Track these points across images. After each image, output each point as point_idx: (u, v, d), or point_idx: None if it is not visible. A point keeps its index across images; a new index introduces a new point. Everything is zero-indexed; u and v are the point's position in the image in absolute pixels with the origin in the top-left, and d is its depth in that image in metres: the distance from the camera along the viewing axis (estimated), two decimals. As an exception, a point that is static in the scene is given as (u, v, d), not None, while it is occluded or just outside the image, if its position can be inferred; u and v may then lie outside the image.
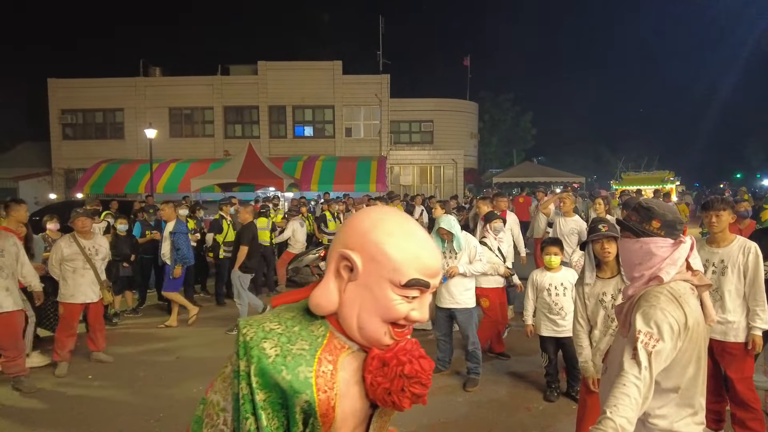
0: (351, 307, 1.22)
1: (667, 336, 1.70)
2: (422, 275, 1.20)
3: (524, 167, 25.68)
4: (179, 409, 4.32)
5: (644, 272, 1.86)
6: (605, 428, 1.57)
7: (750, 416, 3.36)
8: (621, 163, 29.10)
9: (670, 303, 1.75)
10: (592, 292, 3.07)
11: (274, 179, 15.98)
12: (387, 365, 1.21)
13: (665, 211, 1.88)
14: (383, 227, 1.24)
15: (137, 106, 23.19)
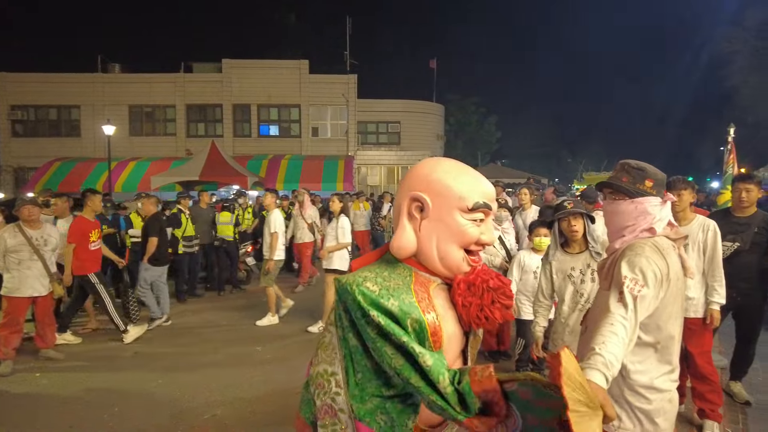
0: (429, 240, 1.36)
1: (651, 282, 1.73)
2: (484, 198, 1.37)
3: (489, 169, 26.08)
4: (134, 403, 4.11)
5: (635, 229, 1.89)
6: (595, 363, 1.55)
7: (708, 389, 3.45)
8: (582, 165, 29.97)
9: (654, 253, 1.79)
10: (560, 267, 3.08)
11: (237, 177, 15.63)
12: (473, 285, 1.36)
13: (655, 170, 1.92)
14: (441, 167, 1.41)
15: (95, 103, 22.32)
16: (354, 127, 23.36)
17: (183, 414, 3.89)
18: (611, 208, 1.97)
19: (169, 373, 4.77)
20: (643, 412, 1.84)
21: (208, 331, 6.21)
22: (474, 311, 1.35)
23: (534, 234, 4.28)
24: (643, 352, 1.81)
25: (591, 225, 3.05)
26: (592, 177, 22.40)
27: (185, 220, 7.88)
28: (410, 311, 1.27)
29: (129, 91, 22.53)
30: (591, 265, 3.00)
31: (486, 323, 1.37)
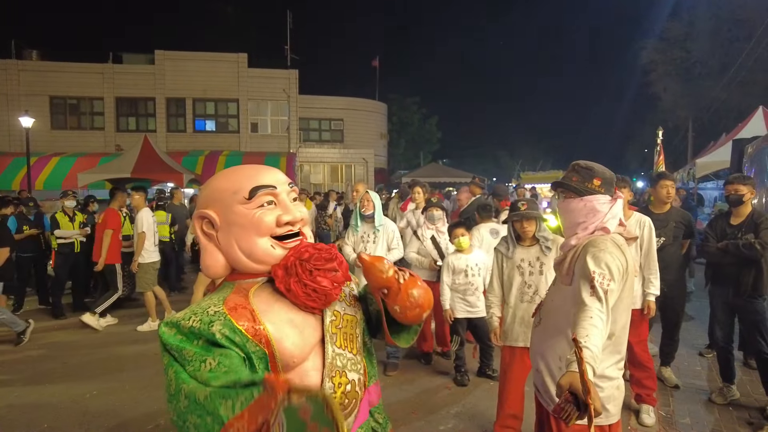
0: (231, 246, 1.34)
1: (616, 277, 1.78)
2: (262, 182, 1.34)
3: (431, 168, 26.49)
4: (69, 418, 3.81)
5: (588, 226, 1.94)
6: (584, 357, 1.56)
7: (645, 375, 3.69)
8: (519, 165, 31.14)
9: (616, 249, 1.86)
10: (510, 258, 3.19)
11: (172, 174, 14.91)
12: (287, 266, 1.32)
13: (603, 169, 1.99)
14: (213, 179, 1.43)
15: (9, 92, 20.59)
16: (296, 123, 23.00)
17: (124, 426, 3.65)
18: (563, 206, 2.05)
19: (104, 382, 4.47)
20: None
21: (143, 336, 5.89)
22: (299, 290, 1.32)
23: (452, 236, 4.34)
24: None
25: (542, 225, 3.18)
26: (529, 176, 23.30)
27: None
28: (213, 322, 1.20)
29: (50, 80, 20.99)
30: (540, 258, 3.12)
31: (317, 296, 1.33)
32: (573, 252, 1.95)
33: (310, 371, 1.36)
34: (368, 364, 1.58)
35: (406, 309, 1.40)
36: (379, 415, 1.63)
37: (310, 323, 1.38)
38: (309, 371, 1.36)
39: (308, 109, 23.72)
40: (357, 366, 1.48)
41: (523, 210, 3.12)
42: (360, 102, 25.49)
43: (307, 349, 1.35)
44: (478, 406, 3.89)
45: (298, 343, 1.31)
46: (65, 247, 6.87)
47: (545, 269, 3.09)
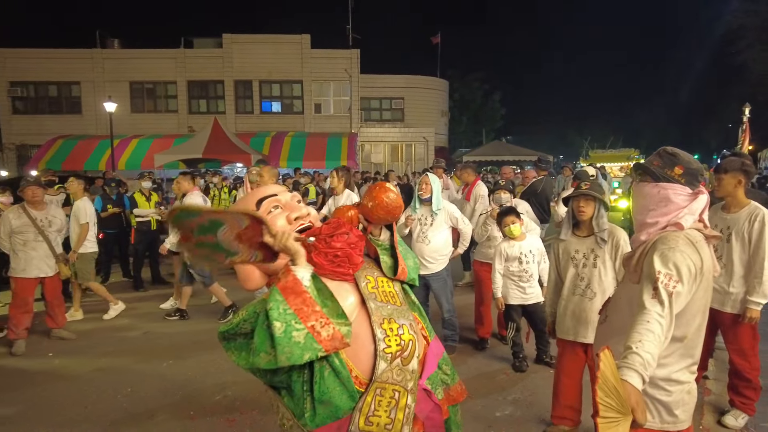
0: None
1: (685, 278, 1.67)
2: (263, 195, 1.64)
3: (493, 146, 25.80)
4: (148, 384, 4.14)
5: (659, 219, 1.81)
6: (633, 363, 1.52)
7: (744, 384, 3.33)
8: (587, 143, 29.66)
9: (688, 246, 1.72)
10: (565, 248, 3.07)
11: (241, 155, 15.52)
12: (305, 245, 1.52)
13: (689, 159, 1.84)
14: None
15: (95, 79, 22.08)
16: (357, 103, 23.09)
17: (194, 394, 3.92)
18: (637, 189, 1.93)
19: (179, 354, 4.80)
20: (662, 403, 1.81)
21: (218, 311, 6.24)
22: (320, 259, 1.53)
23: (503, 224, 4.22)
24: (671, 346, 1.75)
25: (602, 211, 3.00)
26: (598, 155, 22.19)
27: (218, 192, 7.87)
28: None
29: (129, 67, 22.26)
30: (595, 251, 2.97)
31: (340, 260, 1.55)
32: (642, 248, 1.83)
33: (359, 326, 1.53)
34: (422, 320, 1.79)
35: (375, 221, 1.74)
36: (447, 366, 1.83)
37: (346, 288, 1.58)
38: (358, 326, 1.53)
39: (369, 89, 23.69)
40: (404, 314, 1.65)
41: (584, 188, 2.98)
42: (420, 80, 25.12)
43: (347, 308, 1.52)
44: (536, 393, 3.83)
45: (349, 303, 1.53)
46: (143, 224, 7.37)
47: (599, 262, 2.95)
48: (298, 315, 1.38)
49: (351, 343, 1.49)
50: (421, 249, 4.49)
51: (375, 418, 1.49)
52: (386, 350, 1.53)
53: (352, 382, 1.48)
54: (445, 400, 1.76)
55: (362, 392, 1.50)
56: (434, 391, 1.69)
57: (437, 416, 1.69)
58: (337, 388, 1.47)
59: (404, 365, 1.56)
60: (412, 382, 1.57)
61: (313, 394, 1.45)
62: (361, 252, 1.63)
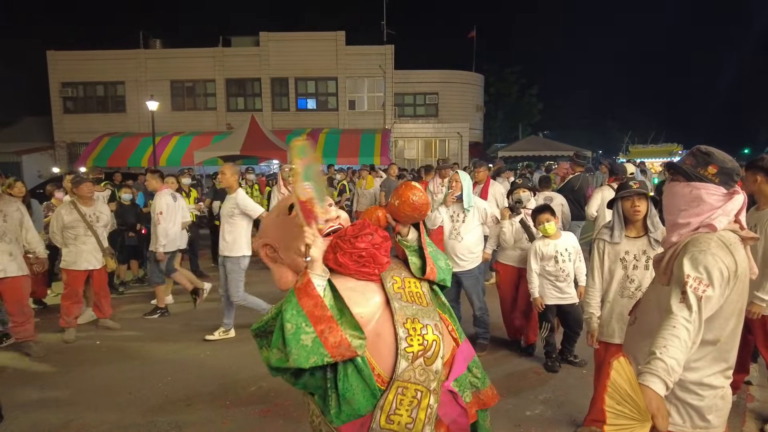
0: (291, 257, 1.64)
1: (716, 282, 1.63)
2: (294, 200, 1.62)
3: (530, 141, 25.37)
4: (187, 373, 4.32)
5: (690, 219, 1.76)
6: (655, 369, 1.50)
7: None
8: (627, 137, 28.76)
9: (721, 249, 1.67)
10: (612, 249, 2.96)
11: (277, 151, 15.81)
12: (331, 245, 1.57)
13: (725, 158, 1.77)
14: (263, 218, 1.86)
15: (138, 78, 22.86)
16: (391, 99, 23.09)
17: (230, 385, 4.07)
18: (668, 189, 1.88)
19: (216, 345, 4.98)
20: (693, 408, 1.78)
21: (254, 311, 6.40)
22: (346, 260, 1.56)
23: (537, 221, 4.14)
24: (702, 349, 1.71)
25: (654, 209, 2.92)
26: (638, 150, 21.50)
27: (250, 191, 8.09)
28: None
29: (170, 66, 22.93)
30: (647, 252, 2.87)
31: (365, 260, 1.57)
32: (673, 250, 1.79)
33: (382, 325, 1.56)
34: (452, 321, 1.79)
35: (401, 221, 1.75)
36: (477, 369, 1.82)
37: (371, 288, 1.60)
38: (381, 325, 1.56)
39: (403, 84, 23.65)
40: (430, 314, 1.64)
41: (635, 187, 2.90)
42: (455, 74, 24.88)
43: (371, 306, 1.56)
44: (568, 394, 3.79)
45: (360, 302, 1.53)
46: (203, 219, 7.64)
47: (651, 264, 2.85)
48: (309, 318, 1.41)
49: (374, 342, 1.51)
50: (453, 246, 4.50)
51: (396, 416, 1.50)
52: (408, 349, 1.53)
53: (374, 380, 1.50)
54: (473, 404, 1.74)
55: (384, 390, 1.51)
56: (461, 394, 1.68)
57: (463, 420, 1.68)
58: (360, 385, 1.49)
59: (427, 365, 1.56)
60: (435, 383, 1.57)
61: (338, 391, 1.48)
62: (387, 252, 1.64)
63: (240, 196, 5.09)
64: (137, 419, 3.56)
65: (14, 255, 4.58)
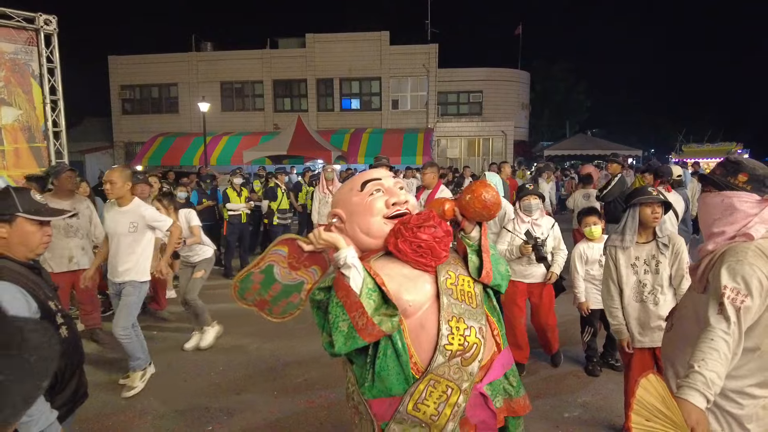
0: (355, 232, 1.71)
1: (755, 292, 1.64)
2: (370, 177, 1.77)
3: (577, 139, 24.69)
4: (237, 364, 4.58)
5: (725, 228, 1.78)
6: (694, 382, 1.54)
7: None
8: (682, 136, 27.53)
9: (759, 258, 1.68)
10: (624, 255, 2.99)
11: (322, 151, 16.17)
12: (394, 230, 1.64)
13: (755, 165, 1.80)
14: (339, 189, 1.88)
15: (190, 80, 23.80)
16: (434, 98, 23.05)
17: (277, 376, 4.29)
18: (702, 200, 1.91)
19: (264, 339, 5.23)
20: (732, 416, 1.78)
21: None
22: (408, 251, 1.61)
23: (584, 224, 4.13)
24: (742, 358, 1.72)
25: (664, 216, 2.96)
26: (692, 150, 20.57)
27: (281, 194, 8.41)
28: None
29: (220, 68, 23.70)
30: (656, 257, 2.91)
31: (423, 250, 1.61)
32: (709, 258, 1.81)
33: (428, 316, 1.61)
34: (499, 326, 1.79)
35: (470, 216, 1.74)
36: (514, 378, 1.80)
37: (425, 278, 1.65)
38: (427, 316, 1.61)
39: (447, 83, 23.56)
40: (477, 316, 1.67)
41: (655, 194, 2.93)
42: (500, 72, 24.56)
43: (421, 296, 1.61)
44: (608, 398, 3.78)
45: (411, 289, 1.60)
46: (234, 217, 8.00)
47: (661, 268, 2.89)
48: (345, 306, 1.52)
49: (416, 332, 1.59)
50: None
51: (423, 406, 1.57)
52: (447, 346, 1.57)
53: (410, 368, 1.58)
54: (503, 410, 1.76)
55: (417, 379, 1.58)
56: (493, 399, 1.71)
57: (492, 422, 1.71)
58: (396, 368, 1.57)
59: (463, 365, 1.60)
60: (467, 384, 1.61)
61: (375, 368, 1.58)
62: (447, 247, 1.66)
63: (142, 207, 4.11)
64: (192, 405, 3.82)
65: (86, 249, 4.98)
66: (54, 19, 7.66)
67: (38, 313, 1.90)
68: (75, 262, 4.86)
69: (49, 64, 7.79)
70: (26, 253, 2.01)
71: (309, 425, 3.49)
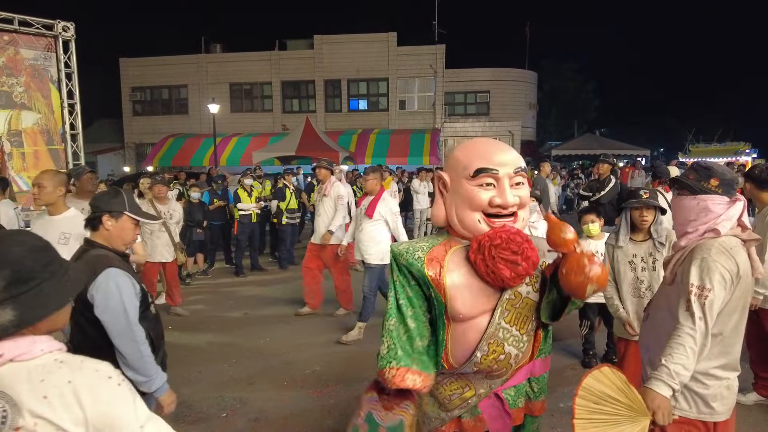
0: (451, 209, 1.65)
1: (718, 286, 1.83)
2: (487, 165, 1.56)
3: (584, 139, 24.73)
4: (248, 356, 4.80)
5: (699, 227, 1.96)
6: (659, 374, 1.77)
7: None
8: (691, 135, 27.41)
9: (721, 254, 1.87)
10: (621, 252, 3.15)
11: (330, 152, 16.34)
12: (481, 243, 1.54)
13: (724, 170, 1.98)
14: (461, 145, 1.71)
15: (200, 82, 24.05)
16: (441, 98, 23.17)
17: (287, 368, 4.50)
18: (676, 202, 2.08)
19: (274, 333, 5.44)
20: (699, 395, 1.96)
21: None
22: (482, 267, 1.53)
23: (582, 222, 4.28)
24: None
25: (660, 216, 3.11)
26: (700, 149, 20.54)
27: (289, 194, 8.63)
28: (413, 264, 1.63)
29: (229, 69, 23.89)
30: (653, 254, 3.07)
31: (494, 278, 1.52)
32: (681, 254, 2.00)
33: (473, 330, 1.61)
34: (543, 341, 1.77)
35: (571, 272, 1.47)
36: (536, 384, 1.83)
37: (487, 293, 1.59)
38: (472, 329, 1.61)
39: (454, 83, 23.68)
40: (519, 344, 1.64)
41: (645, 198, 3.08)
42: (507, 72, 24.65)
43: (474, 312, 1.60)
44: (603, 389, 3.95)
45: (467, 304, 1.59)
46: (245, 217, 8.23)
47: (658, 265, 3.04)
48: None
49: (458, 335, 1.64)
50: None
51: (438, 390, 1.74)
52: (477, 363, 1.63)
53: (442, 358, 1.67)
54: (522, 410, 1.82)
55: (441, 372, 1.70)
56: (512, 402, 1.77)
57: (505, 421, 1.79)
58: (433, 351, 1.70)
59: (488, 379, 1.69)
60: (484, 390, 1.70)
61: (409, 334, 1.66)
62: (521, 280, 1.56)
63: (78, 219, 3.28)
64: (207, 394, 4.04)
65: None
66: (72, 25, 7.93)
67: (140, 294, 2.23)
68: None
69: (67, 69, 8.06)
70: (121, 245, 2.33)
71: (317, 412, 3.70)
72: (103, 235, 2.28)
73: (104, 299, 2.08)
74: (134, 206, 2.38)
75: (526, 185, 1.65)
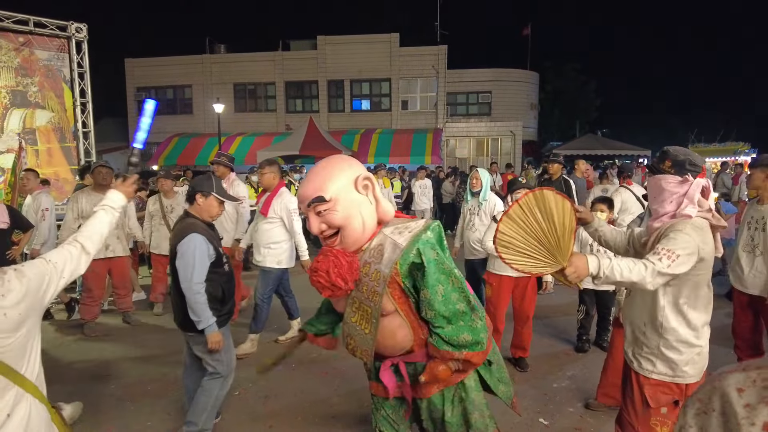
0: None
1: (683, 252, 2.04)
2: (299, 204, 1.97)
3: (586, 140, 24.89)
4: (257, 357, 5.03)
5: (664, 207, 2.20)
6: (601, 255, 2.05)
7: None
8: (693, 135, 27.56)
9: (694, 230, 2.11)
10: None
11: (333, 151, 16.59)
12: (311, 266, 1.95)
13: (677, 152, 2.23)
14: None
15: (204, 82, 24.29)
16: (443, 98, 23.39)
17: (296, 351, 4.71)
18: (648, 183, 2.35)
19: (278, 320, 5.67)
20: (674, 361, 2.20)
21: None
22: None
23: (593, 209, 4.45)
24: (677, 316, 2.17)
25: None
26: (700, 149, 20.71)
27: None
28: None
29: (233, 70, 24.10)
30: None
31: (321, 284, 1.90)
32: (656, 234, 2.23)
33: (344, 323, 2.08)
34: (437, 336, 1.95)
35: None
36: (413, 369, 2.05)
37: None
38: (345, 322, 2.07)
39: (456, 84, 23.88)
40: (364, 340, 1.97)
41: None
42: (509, 72, 24.85)
43: (339, 308, 2.12)
44: (595, 372, 4.12)
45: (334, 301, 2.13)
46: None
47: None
48: None
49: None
50: (468, 236, 4.95)
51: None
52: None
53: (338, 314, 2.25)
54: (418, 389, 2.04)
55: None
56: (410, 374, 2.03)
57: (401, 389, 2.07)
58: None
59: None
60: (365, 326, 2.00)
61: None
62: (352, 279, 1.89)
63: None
64: (220, 375, 4.26)
65: (120, 238, 5.46)
66: (84, 26, 8.17)
67: (214, 254, 2.97)
68: (111, 250, 5.34)
69: (79, 69, 8.31)
70: (207, 217, 3.08)
71: (325, 389, 3.94)
72: (195, 208, 3.05)
73: (182, 255, 2.87)
74: (221, 189, 3.08)
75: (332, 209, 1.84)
